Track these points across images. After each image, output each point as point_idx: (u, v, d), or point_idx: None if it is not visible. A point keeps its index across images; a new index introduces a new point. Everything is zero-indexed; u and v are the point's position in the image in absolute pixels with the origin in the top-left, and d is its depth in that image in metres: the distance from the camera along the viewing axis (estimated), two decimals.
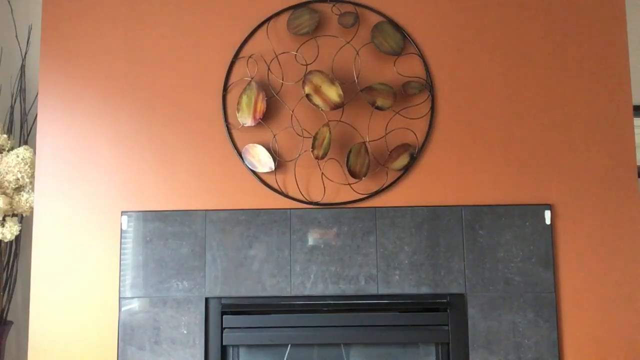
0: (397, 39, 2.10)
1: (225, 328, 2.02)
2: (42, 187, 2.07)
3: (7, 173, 2.29)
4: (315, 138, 2.03)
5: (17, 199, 2.33)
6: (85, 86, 2.11)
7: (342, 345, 2.11)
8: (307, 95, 2.04)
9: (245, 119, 2.07)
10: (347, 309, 2.04)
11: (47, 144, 2.09)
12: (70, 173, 2.08)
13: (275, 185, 2.08)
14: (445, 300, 2.03)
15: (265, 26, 2.14)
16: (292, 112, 2.10)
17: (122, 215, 2.04)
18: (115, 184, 2.07)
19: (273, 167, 2.06)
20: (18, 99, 2.57)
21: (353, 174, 2.05)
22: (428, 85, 2.11)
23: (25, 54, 2.56)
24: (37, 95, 2.21)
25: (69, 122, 2.10)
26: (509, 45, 2.13)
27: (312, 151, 2.03)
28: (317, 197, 2.08)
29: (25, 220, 2.56)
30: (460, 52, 2.14)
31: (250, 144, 2.07)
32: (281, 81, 2.11)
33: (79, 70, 2.12)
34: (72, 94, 2.11)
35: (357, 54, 2.11)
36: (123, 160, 2.08)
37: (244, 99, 2.07)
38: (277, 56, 2.12)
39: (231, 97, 2.12)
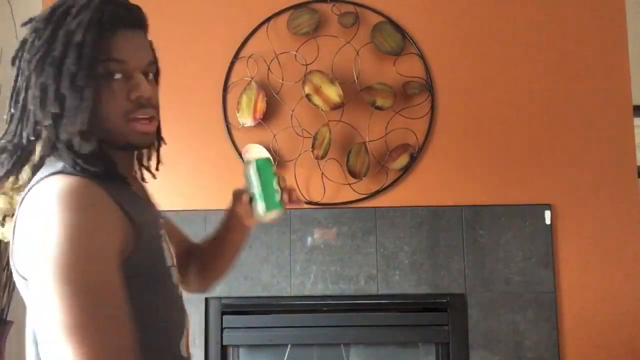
0: (397, 39, 2.10)
1: (225, 328, 2.02)
2: None
3: None
4: (315, 138, 2.03)
5: (17, 199, 2.33)
6: None
7: (342, 345, 2.11)
8: (307, 95, 2.04)
9: (245, 119, 2.07)
10: (347, 309, 2.04)
11: None
12: None
13: None
14: (445, 300, 2.03)
15: (265, 26, 2.14)
16: (292, 112, 2.10)
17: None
18: None
19: None
20: None
21: (353, 174, 2.05)
22: (428, 85, 2.11)
23: None
24: None
25: None
26: (509, 45, 2.13)
27: (312, 151, 2.04)
28: (317, 197, 2.08)
29: None
30: (460, 52, 2.13)
31: (250, 144, 2.07)
32: (281, 81, 2.11)
33: None
34: None
35: (357, 54, 2.11)
36: None
37: (244, 99, 2.07)
38: (277, 56, 2.11)
39: (231, 97, 2.12)
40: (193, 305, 1.99)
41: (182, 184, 2.08)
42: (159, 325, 0.90)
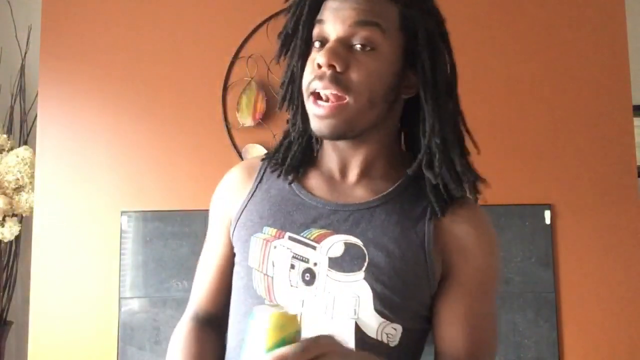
0: None
1: None
2: (42, 187, 2.07)
3: (7, 173, 2.29)
4: None
5: (17, 199, 2.33)
6: (85, 86, 2.11)
7: None
8: None
9: (245, 119, 2.07)
10: None
11: (47, 144, 2.09)
12: (70, 173, 2.08)
13: None
14: None
15: (265, 26, 2.13)
16: None
17: (122, 215, 2.04)
18: (115, 184, 2.07)
19: None
20: (18, 99, 2.57)
21: None
22: None
23: (25, 54, 2.55)
24: (37, 95, 2.21)
25: (69, 122, 2.10)
26: (509, 45, 2.13)
27: None
28: None
29: (25, 220, 2.56)
30: (460, 52, 2.12)
31: (250, 144, 2.07)
32: None
33: (79, 70, 2.12)
34: (72, 94, 2.11)
35: None
36: (123, 160, 2.08)
37: (244, 99, 2.07)
38: None
39: (231, 97, 2.12)
40: None
41: (182, 184, 2.07)
42: (234, 317, 0.86)
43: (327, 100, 0.75)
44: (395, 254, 0.78)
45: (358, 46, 0.75)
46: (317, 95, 0.76)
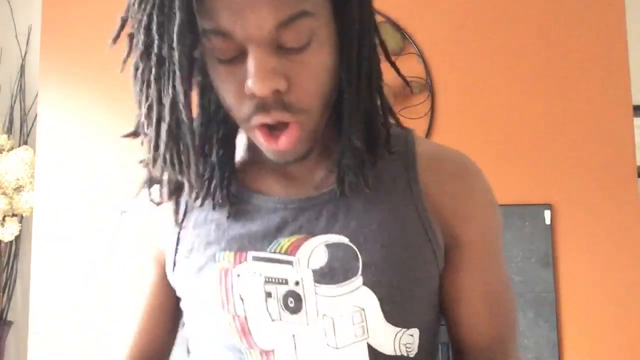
0: (397, 39, 2.10)
1: None
2: (42, 187, 2.07)
3: (7, 173, 2.29)
4: None
5: (17, 199, 2.33)
6: (85, 86, 2.11)
7: None
8: None
9: None
10: None
11: (47, 144, 2.09)
12: (70, 173, 2.07)
13: None
14: None
15: None
16: None
17: (122, 215, 2.04)
18: (115, 184, 2.07)
19: None
20: (18, 99, 2.57)
21: None
22: (428, 85, 2.10)
23: (25, 54, 2.55)
24: (37, 95, 2.21)
25: (69, 122, 2.10)
26: (509, 45, 2.13)
27: None
28: None
29: (25, 220, 2.56)
30: (460, 52, 2.13)
31: None
32: None
33: (79, 70, 2.12)
34: (72, 94, 2.11)
35: None
36: (123, 160, 2.08)
37: None
38: None
39: None
40: None
41: None
42: None
43: (279, 124, 0.57)
44: (392, 238, 0.62)
45: (289, 46, 0.55)
46: (266, 126, 0.58)
